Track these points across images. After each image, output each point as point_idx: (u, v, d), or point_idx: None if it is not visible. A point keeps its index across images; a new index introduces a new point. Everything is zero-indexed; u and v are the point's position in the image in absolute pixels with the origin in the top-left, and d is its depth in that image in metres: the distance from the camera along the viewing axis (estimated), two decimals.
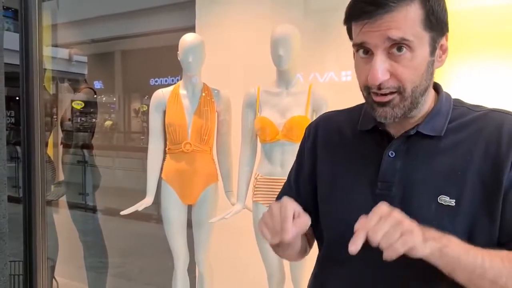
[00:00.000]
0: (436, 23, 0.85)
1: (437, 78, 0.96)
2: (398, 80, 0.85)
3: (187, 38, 2.47)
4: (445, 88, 0.98)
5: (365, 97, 0.92)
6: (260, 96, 2.34)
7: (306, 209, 0.94)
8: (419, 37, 0.84)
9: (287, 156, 2.25)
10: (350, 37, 0.93)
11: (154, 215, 4.70)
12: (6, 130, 1.88)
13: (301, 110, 2.23)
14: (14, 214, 2.05)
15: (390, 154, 0.92)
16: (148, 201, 2.55)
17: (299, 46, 2.26)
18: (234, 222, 2.40)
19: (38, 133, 2.36)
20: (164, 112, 2.53)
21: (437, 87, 0.96)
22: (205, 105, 2.50)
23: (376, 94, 0.87)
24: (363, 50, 0.87)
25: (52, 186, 3.70)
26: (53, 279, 3.45)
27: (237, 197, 2.44)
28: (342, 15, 0.92)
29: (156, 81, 8.12)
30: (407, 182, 0.90)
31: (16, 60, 2.38)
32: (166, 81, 7.59)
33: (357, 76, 0.92)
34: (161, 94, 2.55)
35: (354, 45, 0.90)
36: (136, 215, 2.57)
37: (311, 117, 2.26)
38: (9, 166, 1.87)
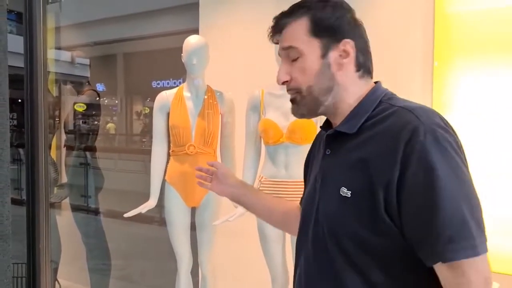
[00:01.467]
0: (324, 31, 1.00)
1: (439, 79, 0.96)
2: (295, 82, 1.02)
3: (191, 40, 2.47)
4: (449, 88, 0.98)
5: None
6: (264, 98, 2.34)
7: None
8: (307, 43, 1.00)
9: (291, 158, 2.24)
10: None
11: (157, 218, 4.69)
12: (9, 132, 1.88)
13: None
14: (16, 216, 2.05)
15: (327, 151, 1.04)
16: (151, 203, 2.54)
17: None
18: (238, 225, 2.40)
19: (41, 135, 2.36)
20: (168, 114, 2.53)
21: (375, 85, 1.04)
22: (209, 108, 2.50)
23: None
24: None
25: (55, 188, 3.70)
26: (56, 281, 3.45)
27: None
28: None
29: (159, 84, 8.13)
30: (329, 176, 1.02)
31: (17, 63, 2.38)
32: (168, 83, 7.59)
33: None
34: (165, 96, 2.55)
35: None
36: (139, 218, 2.57)
37: (315, 120, 2.25)
38: (11, 168, 1.86)
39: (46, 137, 2.45)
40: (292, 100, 1.05)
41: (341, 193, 0.95)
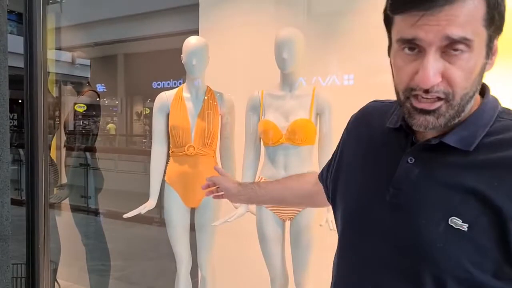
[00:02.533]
0: (497, 20, 0.75)
1: None
2: (449, 85, 0.74)
3: (191, 41, 2.47)
4: None
5: (401, 101, 0.80)
6: (264, 99, 2.34)
7: (329, 197, 1.08)
8: (479, 36, 0.73)
9: (291, 160, 2.24)
10: (388, 30, 0.83)
11: (156, 218, 4.70)
12: (9, 132, 1.88)
13: (305, 113, 2.23)
14: (16, 217, 2.05)
15: (409, 160, 0.83)
16: (151, 204, 2.54)
17: (303, 49, 2.26)
18: (237, 226, 2.40)
19: (41, 136, 2.36)
20: (168, 115, 2.53)
21: (484, 91, 0.84)
22: (209, 108, 2.50)
23: (419, 98, 0.76)
24: (410, 46, 0.76)
25: (55, 189, 3.71)
26: (55, 282, 3.45)
27: None
28: (345, 19, 0.89)
29: (159, 84, 8.15)
30: (420, 194, 0.80)
31: (17, 63, 2.38)
32: (168, 84, 7.61)
33: (396, 75, 0.81)
34: (165, 97, 2.55)
35: (399, 41, 0.77)
36: (139, 218, 2.57)
37: (315, 120, 2.26)
38: (11, 169, 1.87)
39: (46, 137, 2.45)
40: (432, 111, 0.76)
41: (451, 223, 0.75)
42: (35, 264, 2.36)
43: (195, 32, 3.14)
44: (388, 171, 0.85)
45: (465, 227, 0.75)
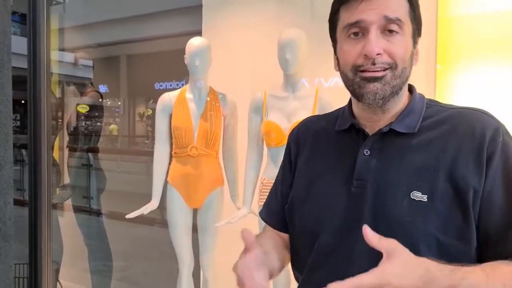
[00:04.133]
0: (415, 18, 0.92)
1: (442, 82, 0.96)
2: (390, 57, 0.88)
3: (194, 42, 2.48)
4: (452, 91, 0.98)
5: (350, 80, 0.92)
6: (267, 100, 2.34)
7: (282, 227, 1.11)
8: (407, 24, 0.90)
9: None
10: (334, 32, 0.97)
11: (159, 219, 4.70)
12: (12, 133, 1.89)
13: (307, 115, 2.21)
14: (18, 217, 2.05)
15: (365, 152, 0.93)
16: (153, 204, 2.54)
17: (306, 50, 2.26)
18: (240, 226, 2.38)
19: (45, 136, 2.36)
20: (170, 115, 2.54)
21: (410, 88, 0.98)
22: (211, 109, 2.50)
23: (367, 71, 0.88)
24: (354, 32, 0.90)
25: (58, 189, 3.71)
26: (58, 282, 3.45)
27: (243, 201, 2.43)
28: None
29: (161, 85, 8.16)
30: (381, 179, 0.90)
31: (21, 64, 2.38)
32: (171, 85, 7.62)
33: (343, 59, 0.93)
34: (168, 98, 2.55)
35: (345, 27, 0.91)
36: (141, 219, 2.57)
37: None
38: (14, 169, 1.87)
39: (49, 138, 2.45)
40: (378, 78, 0.88)
41: (413, 197, 0.86)
42: (37, 264, 2.36)
43: (198, 33, 3.15)
44: (349, 167, 0.94)
45: (425, 198, 0.85)
